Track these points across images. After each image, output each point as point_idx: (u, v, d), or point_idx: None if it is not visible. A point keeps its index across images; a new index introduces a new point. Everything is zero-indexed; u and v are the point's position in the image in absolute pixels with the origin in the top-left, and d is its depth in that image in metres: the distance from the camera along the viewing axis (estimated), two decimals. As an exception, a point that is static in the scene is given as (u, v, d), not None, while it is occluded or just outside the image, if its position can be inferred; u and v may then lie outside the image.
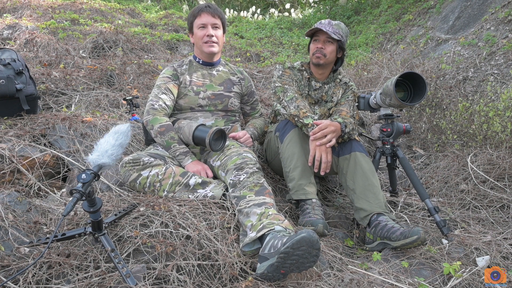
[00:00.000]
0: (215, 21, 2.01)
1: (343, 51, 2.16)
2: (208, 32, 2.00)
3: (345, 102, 2.18)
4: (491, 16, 4.25)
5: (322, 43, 2.10)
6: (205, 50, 2.03)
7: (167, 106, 1.97)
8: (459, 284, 1.53)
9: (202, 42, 2.02)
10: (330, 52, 2.10)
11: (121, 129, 1.38)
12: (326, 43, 2.10)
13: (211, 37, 2.00)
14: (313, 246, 1.33)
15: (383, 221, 1.78)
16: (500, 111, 2.69)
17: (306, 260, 1.35)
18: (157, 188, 1.74)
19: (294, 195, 1.92)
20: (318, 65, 2.13)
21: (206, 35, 2.00)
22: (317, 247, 1.34)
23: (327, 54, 2.10)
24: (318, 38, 2.11)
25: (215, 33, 2.01)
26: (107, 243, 1.34)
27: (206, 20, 2.00)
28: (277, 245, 1.37)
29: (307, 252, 1.33)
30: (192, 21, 2.04)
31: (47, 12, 5.41)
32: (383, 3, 7.16)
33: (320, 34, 2.11)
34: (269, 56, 5.48)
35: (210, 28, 2.00)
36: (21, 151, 1.90)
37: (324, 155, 1.88)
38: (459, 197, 2.36)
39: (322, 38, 2.10)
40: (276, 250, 1.36)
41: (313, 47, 2.13)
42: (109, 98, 2.88)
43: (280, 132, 2.03)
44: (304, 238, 1.31)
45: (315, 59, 2.12)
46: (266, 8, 9.71)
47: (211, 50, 2.02)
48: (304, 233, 1.32)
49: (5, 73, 2.12)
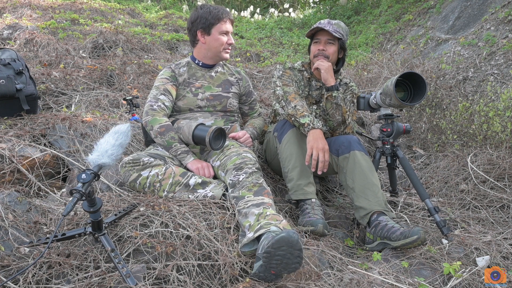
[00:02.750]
0: (232, 29, 2.08)
1: (344, 51, 2.13)
2: (230, 40, 2.04)
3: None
4: (491, 16, 4.25)
5: (323, 44, 2.07)
6: (224, 56, 2.08)
7: (166, 107, 1.97)
8: (459, 284, 1.53)
9: (222, 49, 2.05)
10: (332, 53, 2.08)
11: (121, 129, 1.38)
12: (327, 45, 2.07)
13: (231, 45, 2.06)
14: (293, 246, 1.33)
15: (383, 221, 1.78)
16: (500, 111, 2.69)
17: (290, 261, 1.35)
18: (157, 188, 1.74)
19: (293, 195, 1.92)
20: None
21: (228, 43, 2.04)
22: (297, 247, 1.34)
23: (329, 56, 2.07)
24: (319, 39, 2.09)
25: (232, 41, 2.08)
26: (107, 243, 1.34)
27: (229, 28, 2.04)
28: (266, 245, 1.37)
29: (288, 253, 1.33)
30: (213, 24, 1.99)
31: (47, 12, 5.41)
32: (383, 3, 7.16)
33: (320, 35, 2.08)
34: (269, 56, 5.48)
35: (230, 36, 2.05)
36: (21, 151, 1.90)
37: (321, 155, 1.83)
38: (459, 197, 2.36)
39: (323, 39, 2.07)
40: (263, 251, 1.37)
41: (314, 49, 2.10)
42: (109, 98, 2.88)
43: (278, 132, 2.03)
44: (283, 238, 1.32)
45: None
46: (266, 8, 9.71)
47: (227, 57, 2.09)
48: (283, 233, 1.33)
49: (5, 73, 2.12)
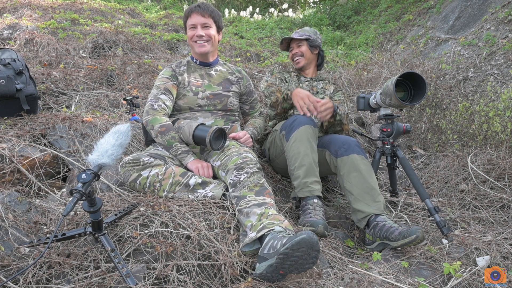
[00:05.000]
0: (205, 21, 2.02)
1: (317, 47, 2.44)
2: (197, 32, 2.02)
3: (337, 102, 2.37)
4: (491, 16, 4.25)
5: (296, 48, 2.45)
6: (196, 51, 2.06)
7: (166, 106, 1.97)
8: (459, 284, 1.53)
9: (193, 42, 2.05)
10: (304, 51, 2.42)
11: (121, 129, 1.38)
12: (298, 47, 2.44)
13: (201, 37, 2.02)
14: (313, 247, 1.33)
15: (381, 221, 1.78)
16: (500, 111, 2.69)
17: (305, 262, 1.35)
18: (157, 188, 1.74)
19: (299, 193, 1.91)
20: (301, 68, 2.47)
21: (195, 35, 2.02)
22: (316, 248, 1.33)
23: (303, 53, 2.42)
24: (292, 47, 2.47)
25: (206, 32, 2.02)
26: (107, 243, 1.34)
27: (196, 21, 2.01)
28: (277, 245, 1.36)
29: (306, 254, 1.33)
30: (185, 21, 2.07)
31: (47, 12, 5.41)
32: (383, 3, 7.16)
33: (292, 43, 2.47)
34: (269, 56, 5.48)
35: (200, 28, 2.01)
36: (21, 151, 1.90)
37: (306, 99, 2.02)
38: (459, 197, 2.36)
39: (294, 45, 2.46)
40: (275, 251, 1.35)
41: (291, 55, 2.49)
42: (109, 98, 2.88)
43: (286, 131, 2.03)
44: (304, 240, 1.31)
45: (297, 64, 2.45)
46: (266, 8, 9.71)
47: (201, 50, 2.04)
48: (304, 234, 1.32)
49: (5, 73, 2.12)
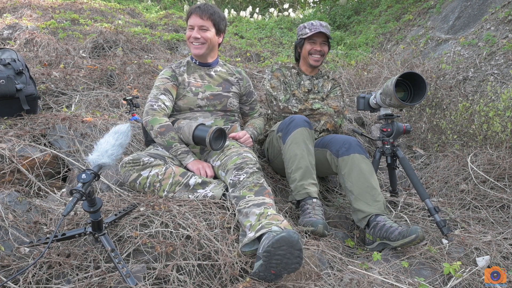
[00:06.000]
0: (203, 23, 2.00)
1: (329, 49, 2.38)
2: (193, 34, 2.01)
3: (334, 98, 2.38)
4: (491, 16, 4.25)
5: (319, 45, 2.28)
6: (192, 52, 2.06)
7: (166, 107, 1.97)
8: (459, 284, 1.53)
9: (189, 43, 2.06)
10: (327, 52, 2.34)
11: (121, 129, 1.38)
12: (322, 45, 2.30)
13: (196, 39, 2.01)
14: (294, 246, 1.33)
15: (381, 221, 1.78)
16: (500, 111, 2.69)
17: (290, 261, 1.35)
18: (157, 188, 1.74)
19: (296, 196, 1.91)
20: (316, 66, 2.35)
21: (192, 36, 2.02)
22: (298, 247, 1.34)
23: (325, 54, 2.33)
24: (315, 40, 2.28)
25: (202, 35, 2.01)
26: (107, 243, 1.34)
27: (194, 22, 2.01)
28: (266, 244, 1.37)
29: (288, 252, 1.33)
30: (186, 21, 2.08)
31: (47, 12, 5.41)
32: (383, 3, 7.16)
33: (316, 36, 2.27)
34: (269, 56, 5.48)
35: (196, 30, 2.01)
36: (21, 151, 1.90)
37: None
38: (459, 197, 2.36)
39: (319, 41, 2.27)
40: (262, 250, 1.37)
41: (310, 47, 2.30)
42: (109, 98, 2.88)
43: (283, 133, 2.03)
44: (283, 238, 1.32)
45: (314, 61, 2.32)
46: (266, 8, 9.71)
47: (195, 52, 2.04)
48: (284, 232, 1.33)
49: (5, 73, 2.12)
